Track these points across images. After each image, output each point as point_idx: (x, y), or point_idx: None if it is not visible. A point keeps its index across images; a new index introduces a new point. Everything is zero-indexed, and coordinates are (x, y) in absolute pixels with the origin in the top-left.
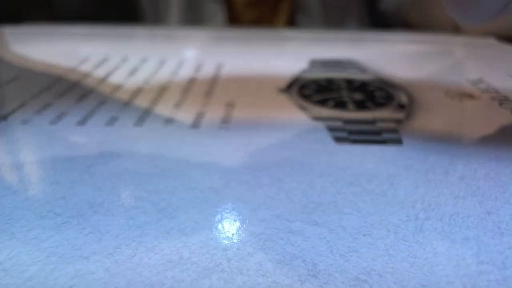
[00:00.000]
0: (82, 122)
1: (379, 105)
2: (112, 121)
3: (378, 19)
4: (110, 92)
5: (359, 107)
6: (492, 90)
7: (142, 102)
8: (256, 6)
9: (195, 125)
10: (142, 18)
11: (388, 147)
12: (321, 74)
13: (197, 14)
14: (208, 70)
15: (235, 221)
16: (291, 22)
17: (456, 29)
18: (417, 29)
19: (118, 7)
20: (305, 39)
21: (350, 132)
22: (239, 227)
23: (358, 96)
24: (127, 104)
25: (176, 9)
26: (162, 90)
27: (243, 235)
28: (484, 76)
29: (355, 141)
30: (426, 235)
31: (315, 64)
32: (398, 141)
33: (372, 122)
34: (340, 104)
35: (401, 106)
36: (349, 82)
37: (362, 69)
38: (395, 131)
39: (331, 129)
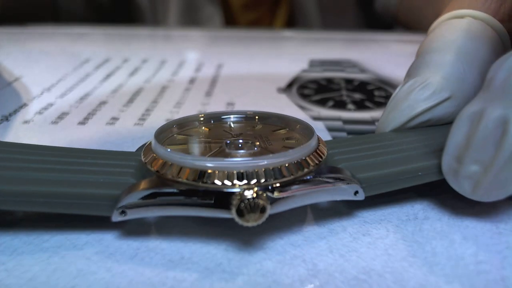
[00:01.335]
0: (83, 122)
1: (378, 104)
2: (113, 120)
3: (374, 21)
4: (112, 92)
5: (358, 107)
6: None
7: (143, 102)
8: (253, 8)
9: None
10: (141, 20)
11: None
12: (320, 73)
13: (195, 16)
14: (208, 70)
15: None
16: (289, 25)
17: None
18: (407, 29)
19: (118, 11)
20: (304, 39)
21: (350, 132)
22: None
23: (357, 95)
24: (128, 104)
25: (174, 12)
26: (162, 90)
27: (244, 235)
28: None
29: None
30: (425, 235)
31: (315, 64)
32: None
33: (372, 122)
34: (340, 104)
35: None
36: (348, 81)
37: (361, 68)
38: None
39: (331, 129)
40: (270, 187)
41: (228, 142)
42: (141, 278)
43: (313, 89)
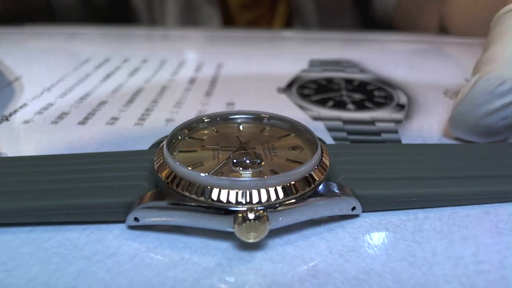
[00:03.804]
0: (83, 122)
1: (378, 104)
2: (113, 120)
3: (370, 23)
4: (112, 92)
5: (358, 107)
6: None
7: (143, 102)
8: (251, 8)
9: None
10: (137, 21)
11: None
12: (320, 74)
13: (193, 17)
14: (208, 70)
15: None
16: (287, 25)
17: (442, 30)
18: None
19: (115, 14)
20: (304, 39)
21: (350, 132)
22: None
23: (357, 95)
24: (128, 104)
25: (173, 13)
26: (162, 90)
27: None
28: None
29: (354, 142)
30: (425, 235)
31: (314, 64)
32: (398, 142)
33: (372, 122)
34: (340, 104)
35: (401, 106)
36: (348, 81)
37: (361, 68)
38: (394, 131)
39: (331, 129)
40: (271, 206)
41: (235, 161)
42: (141, 279)
43: (313, 89)
